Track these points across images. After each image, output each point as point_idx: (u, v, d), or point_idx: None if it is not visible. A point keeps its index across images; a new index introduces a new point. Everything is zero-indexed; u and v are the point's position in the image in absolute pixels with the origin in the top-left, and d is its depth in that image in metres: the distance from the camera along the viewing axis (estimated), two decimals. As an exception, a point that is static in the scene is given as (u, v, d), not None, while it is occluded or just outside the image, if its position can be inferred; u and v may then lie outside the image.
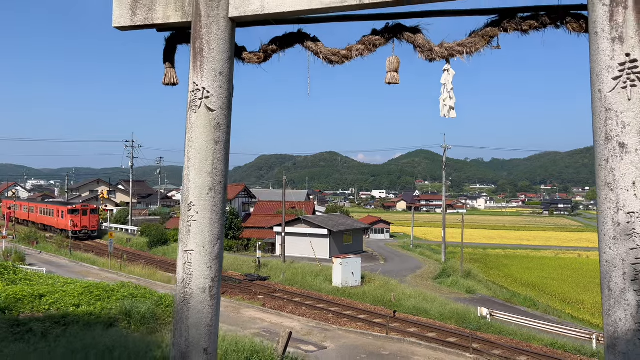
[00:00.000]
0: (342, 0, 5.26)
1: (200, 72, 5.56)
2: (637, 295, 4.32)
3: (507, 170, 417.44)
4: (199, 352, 5.55)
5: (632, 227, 4.30)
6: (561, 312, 34.34)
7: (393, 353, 17.40)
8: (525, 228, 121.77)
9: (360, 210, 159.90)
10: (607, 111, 4.40)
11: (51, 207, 63.15)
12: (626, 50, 4.33)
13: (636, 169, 4.30)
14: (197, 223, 5.56)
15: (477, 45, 5.08)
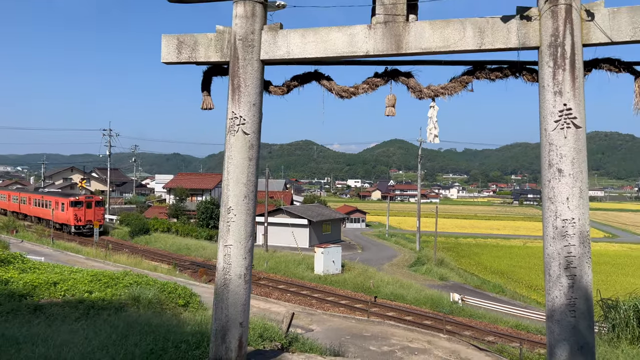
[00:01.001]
0: (351, 50, 6.74)
1: (238, 103, 6.97)
2: (568, 279, 5.97)
3: (479, 160, 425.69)
4: (235, 325, 7.03)
5: (566, 230, 5.93)
6: (527, 297, 36.73)
7: (374, 334, 19.09)
8: (495, 217, 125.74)
9: (336, 200, 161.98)
10: (549, 145, 6.01)
11: (48, 198, 55.68)
12: (564, 101, 5.93)
13: (569, 188, 5.93)
14: (235, 223, 7.00)
15: (456, 89, 6.62)
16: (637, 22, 5.88)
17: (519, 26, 6.18)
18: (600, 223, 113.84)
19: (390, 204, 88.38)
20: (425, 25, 6.47)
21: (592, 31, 5.99)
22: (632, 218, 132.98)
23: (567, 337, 5.90)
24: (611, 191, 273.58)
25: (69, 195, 57.20)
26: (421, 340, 18.30)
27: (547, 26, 5.98)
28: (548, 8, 5.95)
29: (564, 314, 5.94)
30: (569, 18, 5.87)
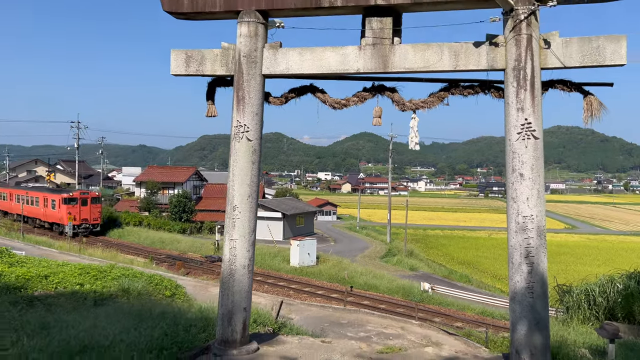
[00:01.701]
0: (343, 68, 7.68)
1: (242, 113, 7.82)
2: (527, 266, 7.09)
3: (446, 153, 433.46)
4: (240, 310, 7.93)
5: (526, 225, 7.05)
6: (492, 286, 38.63)
7: (351, 322, 20.20)
8: (462, 210, 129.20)
9: (306, 192, 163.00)
10: (513, 153, 7.11)
11: (35, 194, 50.14)
12: (525, 116, 7.02)
13: (529, 189, 7.03)
14: (240, 220, 7.88)
15: (434, 103, 7.65)
16: (585, 51, 7.01)
17: (488, 51, 7.24)
18: (561, 215, 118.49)
19: (360, 196, 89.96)
20: (409, 47, 7.46)
21: (549, 57, 7.10)
22: (590, 210, 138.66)
23: (527, 314, 7.03)
24: (572, 184, 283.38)
25: (61, 191, 50.76)
26: (395, 327, 19.49)
27: (512, 52, 7.05)
28: (512, 37, 7.02)
29: (524, 296, 7.07)
30: (529, 46, 6.95)
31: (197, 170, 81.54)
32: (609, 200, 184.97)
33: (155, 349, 6.86)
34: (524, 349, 7.04)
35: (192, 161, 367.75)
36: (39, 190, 51.51)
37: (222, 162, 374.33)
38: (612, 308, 10.90)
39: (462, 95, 7.62)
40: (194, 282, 27.34)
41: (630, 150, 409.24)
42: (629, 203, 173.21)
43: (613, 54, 6.91)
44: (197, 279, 29.62)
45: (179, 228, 57.47)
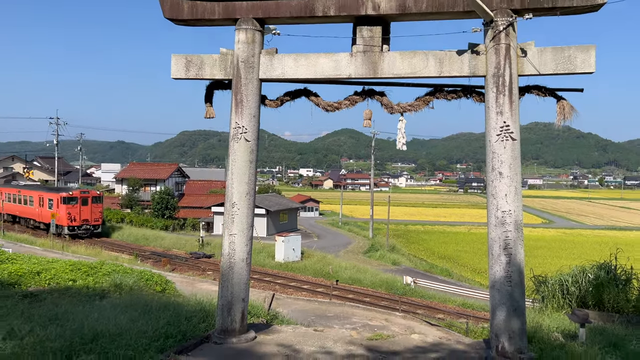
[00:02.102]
0: (336, 73, 8.20)
1: (240, 115, 8.29)
2: (506, 257, 7.71)
3: (426, 149, 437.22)
4: (239, 301, 8.42)
5: (504, 219, 7.67)
6: (472, 280, 39.68)
7: (337, 314, 20.79)
8: (442, 205, 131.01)
9: (288, 189, 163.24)
10: (493, 153, 7.71)
11: (28, 192, 46.77)
12: (504, 119, 7.63)
13: (507, 187, 7.65)
14: (238, 216, 8.35)
15: (420, 107, 8.22)
16: (558, 59, 7.65)
17: (470, 59, 7.83)
18: (539, 210, 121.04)
19: (342, 192, 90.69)
20: (397, 55, 8.02)
21: (525, 65, 7.71)
22: (567, 205, 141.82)
23: (505, 301, 7.66)
24: (549, 179, 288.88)
25: (59, 189, 47.66)
26: (379, 319, 20.14)
27: (492, 60, 7.65)
28: (492, 46, 7.62)
29: (502, 284, 7.70)
30: (508, 54, 7.56)
31: (179, 166, 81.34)
32: (584, 196, 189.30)
33: (162, 337, 7.31)
34: (503, 333, 7.67)
35: (172, 157, 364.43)
36: (33, 189, 48.14)
37: (202, 159, 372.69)
38: (583, 296, 11.66)
39: (446, 100, 8.20)
40: (181, 278, 27.64)
41: (605, 146, 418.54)
42: (603, 198, 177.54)
43: (583, 63, 7.56)
44: (184, 275, 29.89)
45: (161, 225, 57.45)
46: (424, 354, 8.09)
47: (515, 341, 7.61)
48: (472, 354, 8.19)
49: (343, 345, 8.41)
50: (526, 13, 7.48)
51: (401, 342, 8.85)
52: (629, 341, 8.39)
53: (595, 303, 11.39)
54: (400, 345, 8.66)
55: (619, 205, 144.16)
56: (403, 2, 7.74)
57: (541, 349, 8.03)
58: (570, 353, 7.56)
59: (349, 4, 7.89)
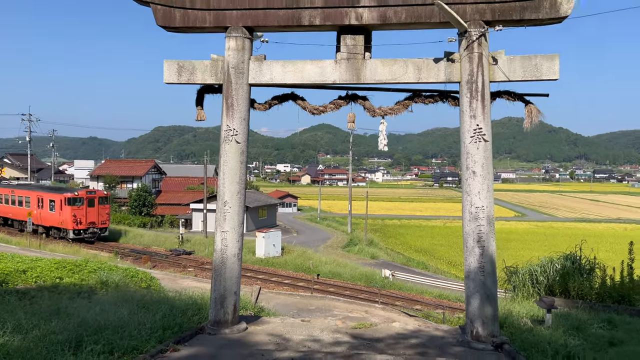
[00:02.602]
0: (322, 79, 8.73)
1: (231, 118, 8.75)
2: (479, 249, 8.37)
3: (402, 144, 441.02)
4: (231, 294, 8.91)
5: (478, 214, 8.32)
6: (447, 272, 40.78)
7: (318, 307, 21.39)
8: (418, 200, 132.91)
9: (266, 184, 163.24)
10: (467, 154, 8.36)
11: (24, 192, 42.55)
12: (477, 122, 8.28)
13: (480, 184, 8.31)
14: (230, 214, 8.83)
15: (400, 110, 8.82)
16: (527, 67, 8.32)
17: (446, 66, 8.44)
18: (512, 203, 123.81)
19: (320, 188, 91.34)
20: (378, 62, 8.59)
21: (496, 72, 8.37)
22: (539, 198, 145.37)
23: (479, 289, 8.33)
24: (521, 173, 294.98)
25: (61, 189, 43.73)
26: (360, 310, 20.80)
27: (466, 67, 8.28)
28: (466, 55, 8.25)
29: (476, 274, 8.37)
30: (480, 62, 8.20)
31: (156, 163, 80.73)
32: (556, 189, 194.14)
33: (160, 329, 7.76)
34: (477, 319, 8.34)
35: (146, 153, 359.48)
36: (29, 189, 44.04)
37: (177, 154, 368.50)
38: (551, 285, 12.47)
39: (424, 104, 8.81)
40: (162, 275, 27.85)
41: (575, 140, 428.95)
42: (574, 191, 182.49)
43: (548, 70, 8.25)
44: (165, 271, 30.09)
45: (139, 222, 57.19)
46: (405, 340, 8.72)
47: (488, 326, 8.29)
48: (449, 339, 8.85)
49: (329, 334, 8.98)
50: (497, 24, 8.13)
51: (383, 330, 9.47)
52: (590, 325, 9.18)
53: (562, 291, 12.22)
54: (382, 332, 9.27)
55: (589, 197, 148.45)
56: (384, 13, 8.31)
57: (512, 333, 8.74)
58: (537, 336, 8.28)
59: (333, 15, 8.42)
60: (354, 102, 8.94)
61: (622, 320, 9.82)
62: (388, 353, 7.88)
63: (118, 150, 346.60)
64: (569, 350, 7.31)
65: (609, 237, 63.44)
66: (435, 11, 8.09)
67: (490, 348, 8.05)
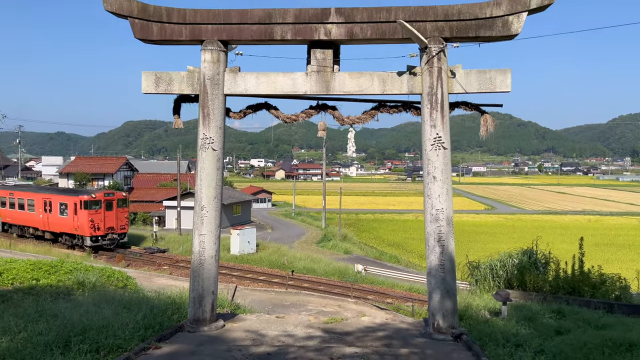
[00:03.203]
0: (293, 90, 9.28)
1: (208, 127, 9.23)
2: (440, 248, 9.07)
3: (375, 139, 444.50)
4: (209, 293, 9.41)
5: (438, 216, 9.02)
6: (419, 265, 41.86)
7: (293, 303, 22.00)
8: (391, 194, 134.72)
9: (240, 180, 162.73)
10: (428, 160, 9.04)
11: (27, 194, 38.40)
12: (437, 131, 8.96)
13: (440, 188, 9.00)
14: (207, 218, 9.32)
15: (367, 119, 9.44)
16: (481, 80, 9.03)
17: (408, 79, 9.09)
18: (482, 197, 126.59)
19: (295, 183, 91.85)
20: (346, 75, 9.18)
21: (454, 84, 9.06)
22: (509, 191, 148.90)
23: (439, 285, 9.04)
24: (492, 166, 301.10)
25: (73, 191, 39.32)
26: (333, 305, 21.49)
27: (426, 81, 8.94)
28: (427, 69, 8.91)
29: (437, 271, 9.08)
30: (440, 76, 8.87)
31: (128, 160, 79.90)
32: (524, 182, 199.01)
33: (142, 328, 8.22)
34: (438, 313, 9.06)
35: (116, 149, 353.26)
36: (33, 190, 40.35)
37: (149, 150, 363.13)
38: (510, 279, 13.34)
39: (389, 113, 9.46)
40: (137, 274, 28.01)
41: (543, 134, 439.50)
42: (542, 184, 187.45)
43: (501, 83, 8.97)
44: (140, 270, 30.23)
45: (112, 220, 56.63)
46: (373, 333, 9.39)
47: (448, 319, 9.01)
48: (413, 331, 9.56)
49: (303, 329, 9.58)
50: (454, 41, 8.81)
51: (353, 324, 10.13)
52: (542, 315, 10.01)
53: (519, 284, 13.10)
54: (352, 326, 9.93)
55: (556, 190, 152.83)
56: (351, 29, 8.90)
57: (470, 324, 9.51)
58: (492, 327, 9.05)
59: (303, 30, 8.96)
60: (324, 112, 9.52)
61: (571, 311, 10.69)
62: (356, 345, 8.52)
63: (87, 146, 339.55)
64: (518, 339, 8.08)
65: (574, 228, 65.82)
66: (398, 28, 8.71)
67: (449, 339, 8.78)
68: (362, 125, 9.43)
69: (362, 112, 9.47)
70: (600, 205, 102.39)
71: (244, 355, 7.74)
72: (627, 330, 8.77)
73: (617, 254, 49.10)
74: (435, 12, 8.74)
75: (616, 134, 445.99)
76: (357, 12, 8.78)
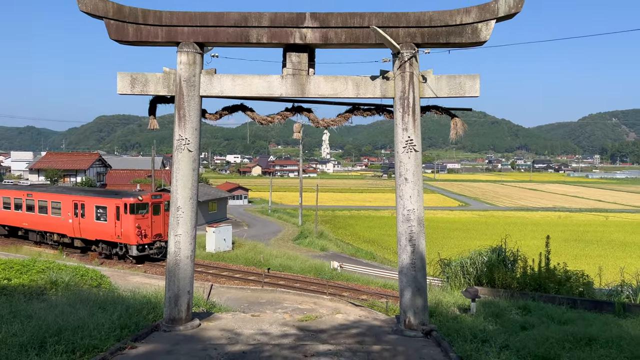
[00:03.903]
0: (269, 92, 9.43)
1: (183, 128, 9.31)
2: (411, 247, 9.36)
3: (352, 135, 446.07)
4: (185, 293, 9.52)
5: (409, 216, 9.30)
6: (394, 262, 42.48)
7: (269, 300, 22.15)
8: (368, 190, 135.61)
9: (216, 176, 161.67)
10: (400, 162, 9.30)
11: (56, 196, 33.75)
12: (409, 134, 9.22)
13: (411, 190, 9.27)
14: (183, 218, 9.41)
15: (341, 122, 9.65)
16: (452, 85, 9.33)
17: (381, 83, 9.33)
18: (456, 193, 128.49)
19: (271, 179, 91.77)
20: (321, 78, 9.37)
21: (426, 89, 9.33)
22: (482, 188, 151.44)
23: (410, 283, 9.33)
24: (466, 163, 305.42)
25: (118, 193, 33.14)
26: (309, 302, 21.72)
27: (399, 85, 9.19)
28: (399, 73, 9.16)
29: (408, 269, 9.36)
30: (411, 81, 9.13)
31: (101, 156, 78.70)
32: (498, 179, 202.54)
33: (118, 328, 8.28)
34: (409, 310, 9.35)
35: (89, 144, 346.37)
36: (59, 191, 35.64)
37: (122, 145, 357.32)
38: (479, 276, 13.76)
39: (363, 116, 9.69)
40: (111, 272, 27.74)
41: (516, 131, 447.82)
42: (515, 180, 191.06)
43: (470, 88, 9.28)
44: (113, 268, 29.92)
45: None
46: (347, 330, 9.63)
47: (419, 316, 9.31)
48: (385, 328, 9.84)
49: (278, 327, 9.77)
50: (426, 47, 9.07)
51: (327, 322, 10.35)
52: (509, 311, 10.41)
53: (488, 281, 13.54)
54: (326, 324, 10.15)
55: (528, 187, 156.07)
56: (325, 34, 9.08)
57: (440, 321, 9.83)
58: (461, 323, 9.39)
59: (279, 34, 9.11)
60: (299, 114, 9.70)
61: (537, 307, 11.13)
62: (330, 343, 8.75)
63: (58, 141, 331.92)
64: (485, 335, 8.42)
65: (544, 224, 67.50)
66: (371, 34, 8.93)
67: (420, 335, 9.08)
68: (336, 127, 9.63)
69: (336, 114, 9.67)
70: (571, 202, 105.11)
71: (220, 354, 7.89)
72: (588, 325, 9.21)
73: (585, 250, 50.62)
74: (407, 18, 8.99)
75: (586, 132, 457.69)
76: (332, 18, 8.97)
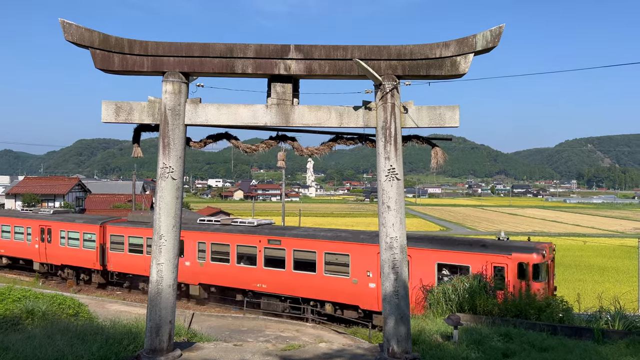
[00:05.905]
0: (254, 121, 9.55)
1: (168, 156, 9.34)
2: (394, 275, 9.42)
3: (334, 159, 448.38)
4: (166, 323, 9.41)
5: (392, 244, 9.40)
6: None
7: (251, 328, 21.88)
8: (350, 214, 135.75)
9: (197, 200, 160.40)
10: (382, 190, 9.44)
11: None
12: (391, 163, 9.39)
13: (394, 217, 9.39)
14: (165, 247, 9.37)
15: (325, 150, 9.79)
16: (432, 116, 9.57)
17: (364, 113, 9.53)
18: (437, 218, 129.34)
19: (254, 203, 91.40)
20: (305, 108, 9.54)
21: (407, 119, 9.55)
22: (463, 212, 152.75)
23: (394, 311, 9.37)
24: (447, 188, 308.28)
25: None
26: (291, 330, 21.51)
27: (381, 115, 9.40)
28: (381, 104, 9.38)
29: (391, 297, 9.41)
30: (393, 111, 9.35)
31: (80, 181, 77.63)
32: (478, 203, 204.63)
33: (98, 359, 8.15)
34: (392, 338, 9.37)
35: (68, 167, 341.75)
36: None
37: (102, 169, 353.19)
38: (461, 302, 13.86)
39: (346, 145, 9.85)
40: (89, 300, 27.16)
41: (495, 156, 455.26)
42: (494, 205, 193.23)
43: (450, 119, 9.54)
44: (91, 296, 29.36)
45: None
46: (330, 359, 9.59)
47: (402, 344, 9.33)
48: (369, 357, 9.82)
49: (260, 357, 9.68)
50: (407, 79, 9.33)
51: (311, 351, 10.30)
52: (490, 339, 10.49)
53: (470, 307, 13.63)
54: (310, 353, 10.10)
55: (508, 212, 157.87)
56: (309, 66, 9.29)
57: (423, 349, 9.85)
58: (444, 351, 9.43)
59: (264, 65, 9.29)
60: (284, 142, 9.82)
61: (518, 333, 11.23)
62: (313, 372, 8.71)
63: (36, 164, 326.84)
64: (467, 363, 8.46)
65: (524, 249, 67.95)
66: (354, 66, 9.17)
67: (403, 364, 9.08)
68: (320, 156, 9.77)
69: (320, 143, 9.83)
70: (549, 227, 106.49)
71: (202, 385, 7.79)
72: (568, 352, 9.33)
73: (565, 274, 51.11)
74: (388, 51, 9.26)
75: (563, 157, 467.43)
76: (315, 50, 9.20)
